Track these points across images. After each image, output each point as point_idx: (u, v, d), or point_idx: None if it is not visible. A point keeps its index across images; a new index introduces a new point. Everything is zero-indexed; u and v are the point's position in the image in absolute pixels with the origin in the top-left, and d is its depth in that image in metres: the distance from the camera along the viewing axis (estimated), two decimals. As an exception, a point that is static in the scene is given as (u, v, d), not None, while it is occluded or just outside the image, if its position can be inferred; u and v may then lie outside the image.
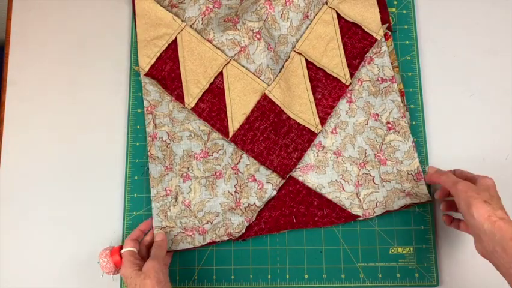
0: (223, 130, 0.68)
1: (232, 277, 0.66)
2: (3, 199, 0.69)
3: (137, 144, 0.70)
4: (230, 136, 0.68)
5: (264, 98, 0.69)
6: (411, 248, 0.66)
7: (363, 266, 0.66)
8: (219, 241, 0.65)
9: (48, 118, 0.72)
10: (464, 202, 0.54)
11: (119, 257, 0.61)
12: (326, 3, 0.71)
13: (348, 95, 0.70)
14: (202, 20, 0.72)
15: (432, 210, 0.67)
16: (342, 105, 0.70)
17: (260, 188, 0.66)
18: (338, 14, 0.71)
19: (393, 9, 0.74)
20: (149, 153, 0.68)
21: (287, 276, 0.66)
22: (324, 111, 0.68)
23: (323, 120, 0.68)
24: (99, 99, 0.72)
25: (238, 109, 0.69)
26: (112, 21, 0.75)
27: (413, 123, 0.70)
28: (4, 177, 0.70)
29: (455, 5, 0.75)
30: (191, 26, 0.71)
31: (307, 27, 0.71)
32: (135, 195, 0.68)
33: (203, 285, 0.66)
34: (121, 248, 0.62)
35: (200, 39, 0.70)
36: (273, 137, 0.68)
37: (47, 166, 0.70)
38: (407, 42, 0.73)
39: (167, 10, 0.71)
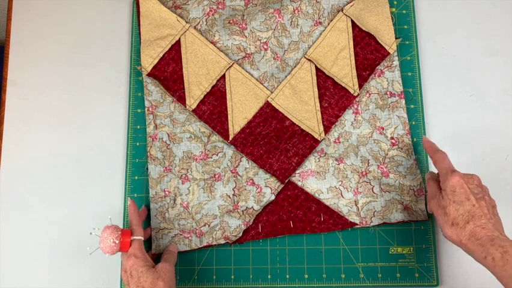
0: (224, 133, 0.68)
1: (232, 277, 0.66)
2: (3, 199, 0.69)
3: (137, 144, 0.70)
4: (230, 139, 0.68)
5: (267, 105, 0.68)
6: (411, 248, 0.66)
7: (363, 266, 0.66)
8: (215, 244, 0.65)
9: (48, 118, 0.72)
10: (436, 221, 0.57)
11: (128, 243, 0.57)
12: (342, 11, 0.71)
13: (355, 106, 0.70)
14: (206, 21, 0.72)
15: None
16: (348, 115, 0.69)
17: (258, 192, 0.66)
18: (352, 22, 0.70)
19: (393, 9, 0.74)
20: (148, 153, 0.68)
21: (287, 276, 0.66)
22: (329, 120, 0.68)
23: (326, 129, 0.68)
24: (99, 99, 0.72)
25: (239, 113, 0.68)
26: (112, 21, 0.75)
27: (413, 123, 0.70)
28: (4, 177, 0.70)
29: (455, 5, 0.75)
30: (195, 27, 0.71)
31: (320, 34, 0.71)
32: (135, 195, 0.68)
33: (203, 285, 0.66)
34: (130, 233, 0.58)
35: (204, 40, 0.70)
36: (274, 142, 0.67)
37: (47, 166, 0.70)
38: (407, 42, 0.73)
39: (171, 11, 0.71)
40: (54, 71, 0.73)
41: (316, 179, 0.67)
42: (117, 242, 0.56)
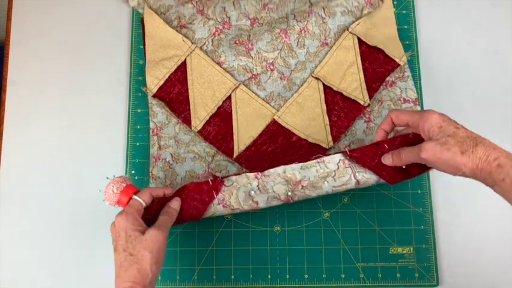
0: (228, 152, 0.67)
1: (232, 277, 0.66)
2: (3, 199, 0.69)
3: (137, 144, 0.70)
4: (234, 156, 0.67)
5: (273, 123, 0.68)
6: (411, 248, 0.66)
7: (363, 266, 0.66)
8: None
9: (49, 118, 0.72)
10: (439, 163, 0.50)
11: (127, 199, 0.55)
12: (347, 29, 0.70)
13: (367, 116, 0.69)
14: (212, 41, 0.71)
15: (432, 210, 0.67)
16: (359, 125, 0.68)
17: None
18: (359, 39, 0.70)
19: (394, 9, 0.74)
20: (150, 173, 0.68)
21: (287, 276, 0.66)
22: (339, 131, 0.67)
23: (335, 138, 0.67)
24: (99, 99, 0.72)
25: (245, 132, 0.68)
26: (112, 21, 0.75)
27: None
28: (4, 177, 0.70)
29: (455, 5, 0.75)
30: (201, 47, 0.71)
31: (326, 53, 0.70)
32: (135, 195, 0.68)
33: (203, 285, 0.66)
34: (135, 192, 0.56)
35: (210, 61, 0.69)
36: (279, 156, 0.67)
37: (47, 166, 0.70)
38: (407, 42, 0.73)
39: (176, 31, 0.70)
40: (54, 71, 0.73)
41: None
42: (116, 192, 0.55)
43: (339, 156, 0.58)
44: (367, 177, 0.57)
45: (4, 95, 0.72)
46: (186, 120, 0.68)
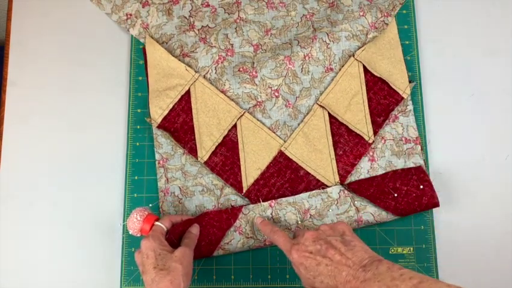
0: (237, 185, 0.67)
1: (232, 277, 0.66)
2: (3, 199, 0.69)
3: (137, 144, 0.70)
4: (244, 192, 0.66)
5: (280, 154, 0.67)
6: (411, 248, 0.66)
7: (363, 266, 0.66)
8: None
9: (48, 118, 0.72)
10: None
11: (149, 226, 0.59)
12: (353, 56, 0.69)
13: (371, 153, 0.68)
14: (215, 69, 0.70)
15: (432, 210, 0.67)
16: (364, 163, 0.68)
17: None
18: (364, 67, 0.69)
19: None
20: (160, 209, 0.67)
21: (287, 276, 0.66)
22: (345, 169, 0.67)
23: (342, 179, 0.67)
24: (99, 99, 0.72)
25: (252, 164, 0.67)
26: (112, 21, 0.75)
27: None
28: (4, 177, 0.70)
29: (455, 5, 0.75)
30: (204, 76, 0.70)
31: (331, 80, 0.70)
32: (135, 195, 0.68)
33: (203, 285, 0.66)
34: (157, 219, 0.61)
35: (214, 90, 0.69)
36: (288, 194, 0.66)
37: (47, 166, 0.70)
38: (407, 42, 0.73)
39: (179, 60, 0.70)
40: (54, 71, 0.73)
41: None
42: (139, 219, 0.59)
43: (339, 187, 0.66)
44: (364, 204, 0.66)
45: (4, 95, 0.72)
46: (192, 150, 0.67)
